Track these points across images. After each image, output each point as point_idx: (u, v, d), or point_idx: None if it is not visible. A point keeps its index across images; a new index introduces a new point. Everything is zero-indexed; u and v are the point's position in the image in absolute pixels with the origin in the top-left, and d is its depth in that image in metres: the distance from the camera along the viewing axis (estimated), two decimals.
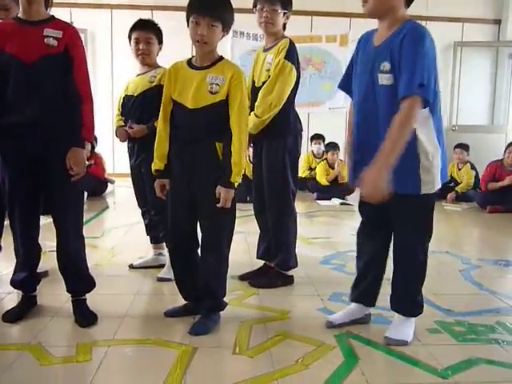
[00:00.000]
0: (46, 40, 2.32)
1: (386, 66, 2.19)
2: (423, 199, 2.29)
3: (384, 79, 2.20)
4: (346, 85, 2.55)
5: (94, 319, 2.52)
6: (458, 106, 8.78)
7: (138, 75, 3.46)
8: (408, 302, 2.42)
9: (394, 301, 2.45)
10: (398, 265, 2.43)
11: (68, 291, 2.58)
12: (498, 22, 8.72)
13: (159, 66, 3.36)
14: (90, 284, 2.60)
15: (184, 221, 2.48)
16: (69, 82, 2.37)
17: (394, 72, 2.17)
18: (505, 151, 6.48)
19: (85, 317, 2.52)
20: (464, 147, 7.17)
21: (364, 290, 2.58)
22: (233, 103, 2.34)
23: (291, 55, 3.02)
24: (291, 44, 3.04)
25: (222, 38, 2.45)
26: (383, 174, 2.09)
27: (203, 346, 2.29)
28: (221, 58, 2.43)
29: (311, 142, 7.76)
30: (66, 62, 2.35)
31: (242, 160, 2.35)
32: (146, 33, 3.40)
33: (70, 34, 2.38)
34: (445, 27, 8.61)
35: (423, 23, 7.95)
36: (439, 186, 2.32)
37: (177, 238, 2.52)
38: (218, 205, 2.32)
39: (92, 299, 2.62)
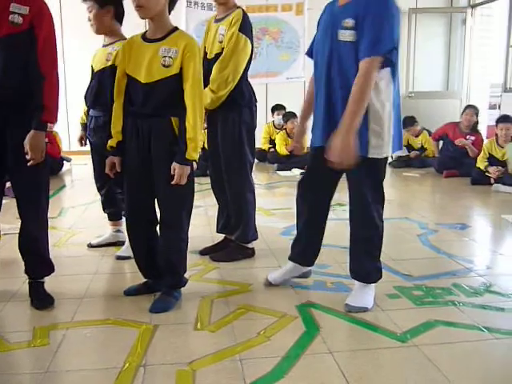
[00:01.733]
0: (10, 17, 2.18)
1: (349, 22, 2.14)
2: (372, 162, 2.28)
3: (346, 36, 2.15)
4: (311, 52, 2.50)
5: (50, 302, 2.46)
6: (413, 73, 8.85)
7: (103, 45, 3.14)
8: (366, 268, 2.44)
9: (353, 268, 2.48)
10: (354, 231, 2.44)
11: (26, 273, 2.50)
12: None
13: (123, 38, 3.01)
14: (49, 268, 2.53)
15: (141, 198, 2.42)
16: (31, 60, 2.24)
17: (357, 30, 2.13)
18: (462, 114, 6.58)
19: (41, 300, 2.46)
20: (408, 123, 7.16)
21: (302, 251, 2.63)
22: (186, 76, 2.25)
23: (245, 27, 2.93)
24: (245, 15, 2.95)
25: (171, 3, 2.31)
26: (350, 138, 2.08)
27: (164, 323, 2.27)
28: (174, 29, 2.32)
29: (272, 112, 7.71)
30: (30, 39, 2.22)
31: (199, 135, 2.28)
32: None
33: (37, 8, 2.23)
34: None
35: None
36: (390, 153, 2.32)
37: (134, 216, 2.46)
38: (172, 182, 2.27)
39: (50, 281, 2.56)
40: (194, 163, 2.35)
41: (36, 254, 2.46)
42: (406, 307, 2.45)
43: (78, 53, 8.04)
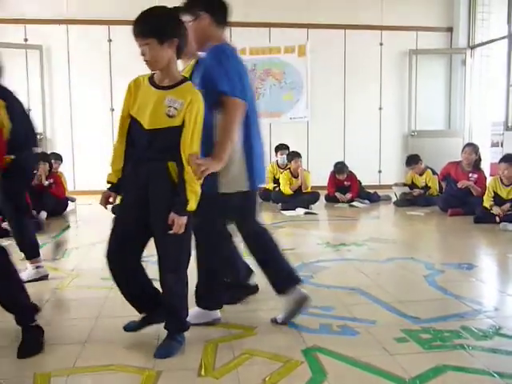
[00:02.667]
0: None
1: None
2: (222, 198, 2.57)
3: None
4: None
5: (35, 349, 2.39)
6: (415, 113, 8.95)
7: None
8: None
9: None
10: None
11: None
12: (450, 29, 8.98)
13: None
14: (31, 313, 2.48)
15: (133, 237, 2.42)
16: None
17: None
18: (462, 152, 6.61)
19: (25, 347, 2.39)
20: (412, 161, 7.25)
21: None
22: (187, 129, 2.26)
23: None
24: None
25: (178, 51, 2.33)
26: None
27: (167, 369, 2.22)
28: (183, 81, 2.34)
29: (276, 152, 7.76)
30: None
31: (198, 187, 2.29)
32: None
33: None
34: (400, 36, 8.83)
35: (379, 33, 8.12)
36: (245, 189, 2.61)
37: (121, 256, 2.42)
38: (170, 232, 2.26)
39: (52, 325, 2.52)
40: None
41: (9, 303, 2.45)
42: (414, 351, 2.40)
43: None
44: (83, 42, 8.19)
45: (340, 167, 7.48)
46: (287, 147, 7.69)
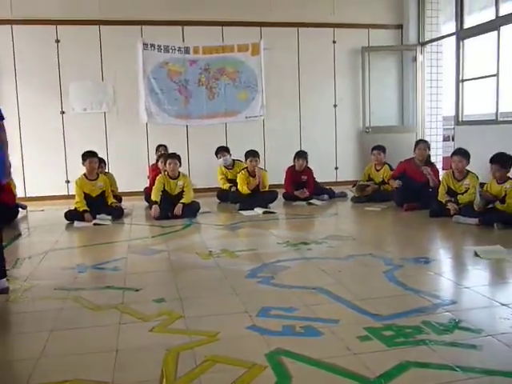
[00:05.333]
0: None
1: None
2: None
3: None
4: None
5: None
6: (369, 109, 9.06)
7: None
8: None
9: None
10: None
11: None
12: (400, 27, 9.13)
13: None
14: None
15: None
16: None
17: None
18: (414, 149, 6.73)
19: None
20: (381, 149, 7.40)
21: None
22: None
23: None
24: None
25: None
26: None
27: (127, 381, 2.14)
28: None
29: (216, 156, 7.71)
30: None
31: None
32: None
33: None
34: (352, 33, 8.92)
35: (331, 30, 8.18)
36: None
37: None
38: None
39: (3, 340, 2.39)
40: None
41: None
42: (377, 349, 2.40)
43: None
44: (29, 43, 7.90)
45: (301, 151, 7.63)
46: (226, 148, 7.75)
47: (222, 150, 7.68)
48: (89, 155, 6.37)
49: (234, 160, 7.66)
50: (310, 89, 8.89)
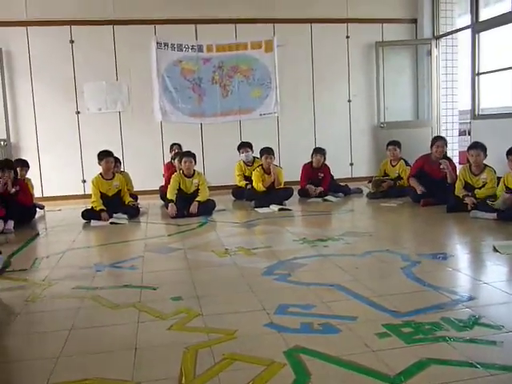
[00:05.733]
0: None
1: None
2: None
3: None
4: None
5: None
6: (384, 104, 9.00)
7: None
8: None
9: None
10: None
11: None
12: (414, 21, 9.05)
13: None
14: None
15: None
16: None
17: None
18: (431, 145, 6.65)
19: None
20: (396, 144, 7.34)
21: None
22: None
23: None
24: None
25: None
26: None
27: (147, 379, 2.15)
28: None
29: (239, 150, 7.70)
30: None
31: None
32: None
33: None
34: (365, 28, 8.86)
35: (344, 26, 8.16)
36: None
37: None
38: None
39: (22, 339, 2.42)
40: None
41: None
42: (396, 346, 2.38)
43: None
44: (44, 44, 7.98)
45: (319, 148, 7.57)
46: (249, 144, 7.67)
47: (245, 146, 7.64)
48: (105, 155, 6.41)
49: (254, 157, 7.64)
50: (324, 85, 8.86)
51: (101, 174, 6.42)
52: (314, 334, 2.56)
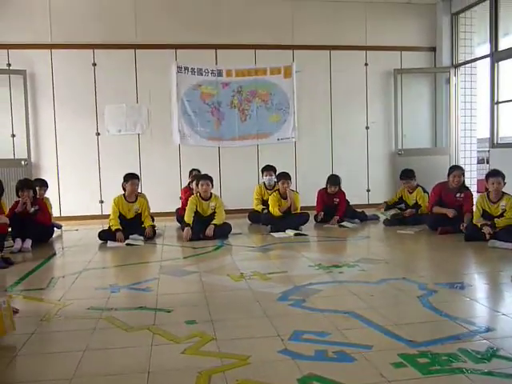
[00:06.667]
0: None
1: None
2: None
3: None
4: None
5: None
6: (402, 131, 9.00)
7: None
8: None
9: None
10: None
11: None
12: (433, 49, 9.09)
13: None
14: None
15: None
16: None
17: None
18: (448, 175, 6.59)
19: None
20: (408, 177, 7.26)
21: None
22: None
23: None
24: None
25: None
26: None
27: None
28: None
29: (262, 173, 7.73)
30: None
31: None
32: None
33: None
34: (384, 56, 8.91)
35: (363, 53, 8.22)
36: None
37: None
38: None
39: (36, 360, 2.43)
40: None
41: None
42: (412, 377, 2.34)
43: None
44: (67, 67, 8.15)
45: (334, 177, 7.50)
46: (274, 168, 7.66)
47: (270, 169, 7.64)
48: (131, 176, 6.48)
49: (275, 181, 7.61)
50: (342, 111, 8.90)
51: (124, 195, 6.48)
52: (329, 361, 2.53)
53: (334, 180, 7.47)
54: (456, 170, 6.60)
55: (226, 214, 6.67)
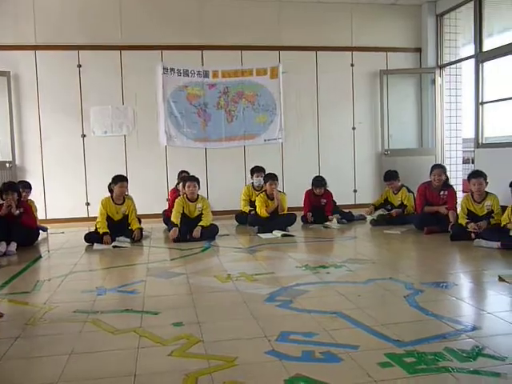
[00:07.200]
0: None
1: None
2: None
3: None
4: None
5: None
6: (388, 132, 9.05)
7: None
8: None
9: None
10: None
11: None
12: (418, 50, 9.16)
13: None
14: None
15: None
16: None
17: None
18: (430, 174, 6.63)
19: None
20: (391, 178, 7.31)
21: None
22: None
23: None
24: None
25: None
26: None
27: None
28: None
29: (251, 174, 7.72)
30: None
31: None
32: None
33: None
34: (370, 57, 8.96)
35: (349, 54, 8.25)
36: None
37: None
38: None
39: (20, 364, 2.40)
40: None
41: None
42: (399, 376, 2.35)
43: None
44: (52, 68, 8.09)
45: (319, 179, 7.51)
46: (263, 169, 7.66)
47: (260, 171, 7.63)
48: (120, 179, 6.44)
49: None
50: (329, 112, 8.93)
51: (111, 196, 6.43)
52: (316, 362, 2.53)
53: (318, 181, 7.49)
54: (436, 169, 6.66)
55: (213, 215, 6.66)
